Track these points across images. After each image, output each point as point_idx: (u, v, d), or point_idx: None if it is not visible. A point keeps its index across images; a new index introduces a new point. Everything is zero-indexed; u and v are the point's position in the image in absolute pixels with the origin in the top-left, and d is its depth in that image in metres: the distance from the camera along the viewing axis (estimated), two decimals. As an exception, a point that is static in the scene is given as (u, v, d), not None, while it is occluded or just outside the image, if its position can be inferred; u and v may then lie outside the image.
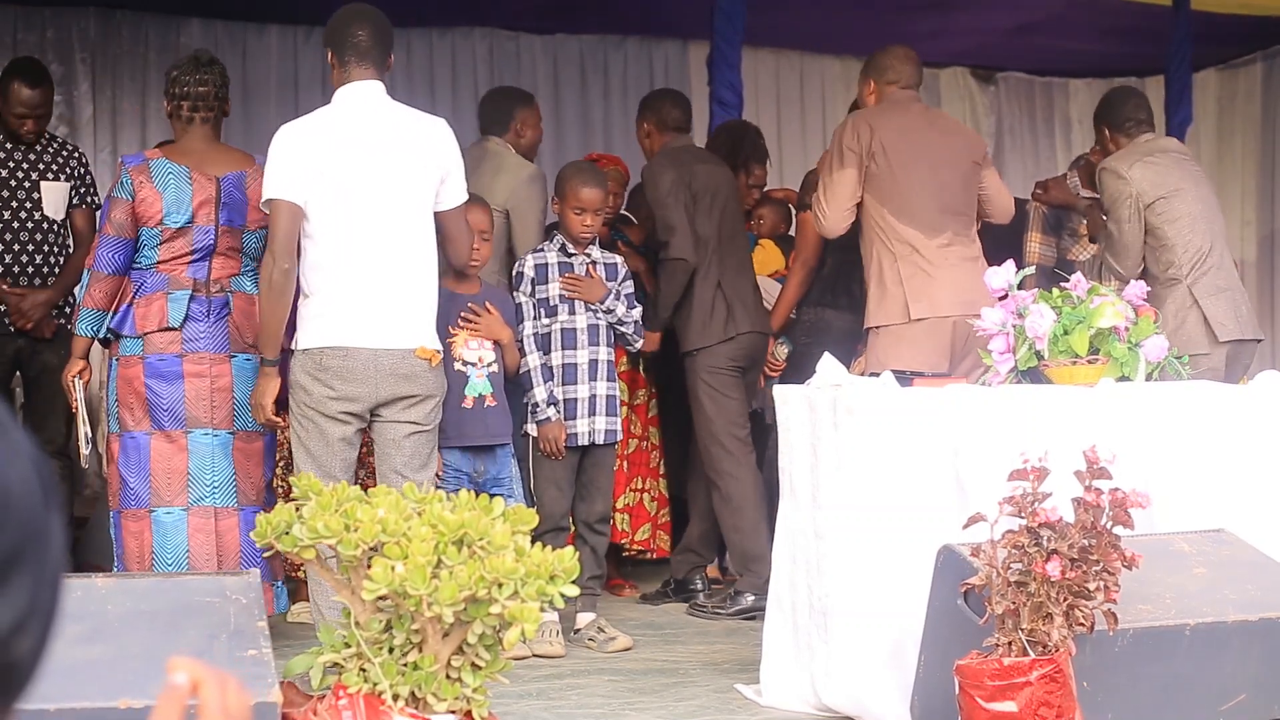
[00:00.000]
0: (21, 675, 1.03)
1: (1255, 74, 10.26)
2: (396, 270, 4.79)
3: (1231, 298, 5.88)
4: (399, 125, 4.88)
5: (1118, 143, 6.15)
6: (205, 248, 5.03)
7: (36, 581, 1.02)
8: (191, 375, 4.96)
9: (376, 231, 4.78)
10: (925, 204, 5.65)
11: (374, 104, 4.89)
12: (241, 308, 5.05)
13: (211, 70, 5.17)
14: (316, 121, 4.85)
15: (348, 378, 4.73)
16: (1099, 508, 3.69)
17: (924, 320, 5.54)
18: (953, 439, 4.39)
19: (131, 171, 5.04)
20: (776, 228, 7.55)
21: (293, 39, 9.00)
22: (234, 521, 5.00)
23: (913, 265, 5.59)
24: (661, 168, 6.34)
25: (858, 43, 9.78)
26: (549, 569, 3.40)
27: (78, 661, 3.27)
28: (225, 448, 5.01)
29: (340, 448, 4.77)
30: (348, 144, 4.78)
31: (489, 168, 6.07)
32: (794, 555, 4.59)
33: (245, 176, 5.09)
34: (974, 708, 3.67)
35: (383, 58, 4.95)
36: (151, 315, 4.96)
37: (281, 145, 4.77)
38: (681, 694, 4.81)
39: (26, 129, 6.31)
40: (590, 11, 9.10)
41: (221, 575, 3.86)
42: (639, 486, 6.93)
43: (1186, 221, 5.86)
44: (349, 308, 4.74)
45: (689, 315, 6.33)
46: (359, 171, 4.77)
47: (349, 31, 4.92)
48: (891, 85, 5.83)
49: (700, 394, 6.34)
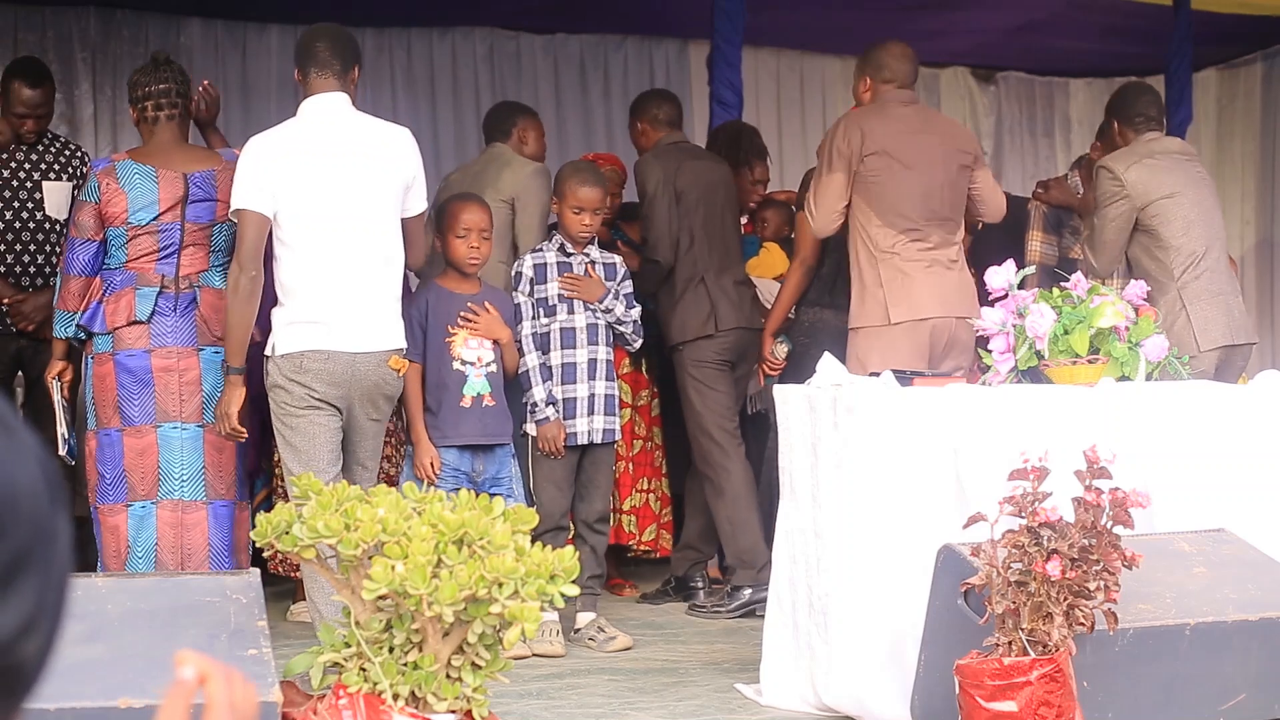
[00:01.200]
0: (29, 676, 1.03)
1: (1255, 74, 10.25)
2: (369, 275, 4.91)
3: (1225, 302, 5.87)
4: (364, 135, 4.98)
5: (1125, 137, 6.14)
6: (172, 245, 5.05)
7: (44, 583, 1.01)
8: (160, 370, 4.98)
9: (348, 238, 4.88)
10: (911, 209, 5.64)
11: (339, 114, 4.99)
12: (209, 301, 5.05)
13: (170, 68, 5.23)
14: (283, 133, 4.96)
15: (328, 380, 4.85)
16: (1099, 507, 3.69)
17: (902, 323, 5.55)
18: (953, 438, 4.39)
19: (98, 175, 5.09)
20: (780, 230, 7.54)
21: (293, 39, 8.91)
22: (202, 515, 5.00)
23: (893, 268, 5.59)
24: (648, 166, 6.39)
25: (858, 42, 9.71)
26: (549, 568, 3.40)
27: (78, 661, 3.27)
28: (195, 441, 5.02)
29: (325, 437, 4.87)
30: (315, 154, 4.88)
31: (495, 166, 6.19)
32: (794, 554, 4.59)
33: (215, 174, 5.11)
34: (974, 707, 3.67)
35: (345, 70, 5.03)
36: (120, 310, 5.00)
37: (250, 157, 4.88)
38: (681, 694, 4.81)
39: (27, 129, 6.30)
40: (590, 11, 9.10)
41: (221, 575, 3.86)
42: (645, 487, 6.93)
43: (1180, 225, 5.85)
44: (326, 313, 4.86)
45: (673, 310, 6.37)
46: (327, 180, 4.87)
47: (309, 46, 5.07)
48: (887, 84, 5.82)
49: (687, 388, 6.37)
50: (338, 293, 4.87)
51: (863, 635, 4.38)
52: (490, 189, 5.98)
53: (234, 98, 8.88)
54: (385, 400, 5.00)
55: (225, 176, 5.04)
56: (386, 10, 8.84)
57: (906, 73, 5.86)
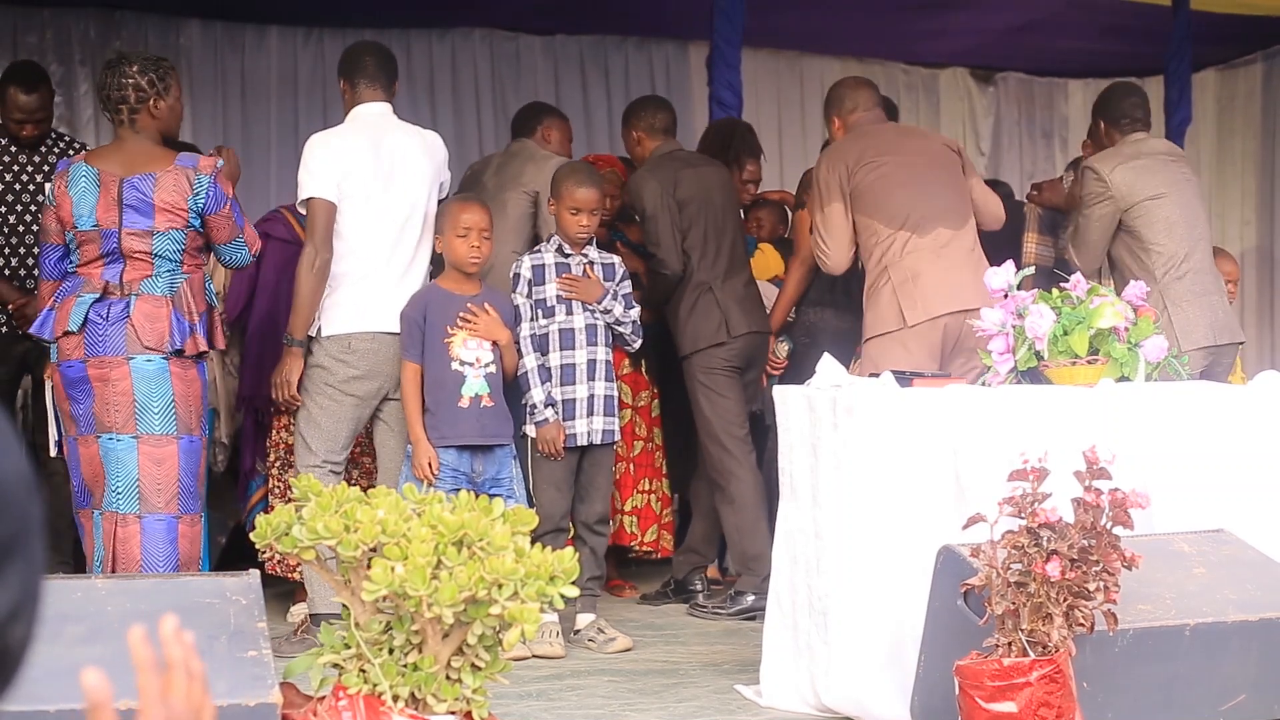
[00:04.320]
0: (14, 662, 1.04)
1: (1255, 74, 10.25)
2: (407, 264, 5.56)
3: (1208, 303, 5.90)
4: (407, 137, 5.63)
5: (1111, 138, 6.16)
6: (112, 251, 4.94)
7: (28, 570, 1.03)
8: (95, 379, 4.89)
9: (393, 230, 5.53)
10: (910, 204, 5.65)
11: (386, 120, 5.64)
12: (144, 310, 4.90)
13: (125, 68, 5.04)
14: (340, 132, 5.62)
15: (372, 359, 5.47)
16: (1099, 508, 3.69)
17: (919, 324, 5.55)
18: (952, 439, 4.39)
19: (55, 178, 5.05)
20: (775, 230, 7.54)
21: (292, 40, 9.00)
22: (135, 529, 4.87)
23: (903, 272, 5.60)
24: (644, 183, 6.36)
25: (857, 43, 9.80)
26: (549, 570, 3.40)
27: (77, 662, 3.26)
28: (130, 453, 4.88)
29: (352, 415, 5.52)
30: (367, 153, 5.51)
31: (519, 160, 6.45)
32: (794, 555, 4.59)
33: (153, 179, 4.94)
34: (974, 708, 3.67)
35: (389, 83, 5.69)
36: (62, 320, 4.93)
37: (314, 151, 5.53)
38: (681, 695, 4.81)
39: (26, 133, 6.30)
40: (590, 12, 9.10)
41: (221, 576, 3.86)
42: (646, 488, 6.93)
43: (1163, 226, 5.88)
44: (372, 298, 5.48)
45: (683, 319, 6.35)
46: (377, 177, 5.50)
47: (359, 59, 5.71)
48: (853, 113, 5.90)
49: (698, 395, 6.35)
50: (381, 279, 5.49)
51: (863, 636, 4.38)
52: (513, 181, 6.28)
53: (233, 99, 8.89)
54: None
55: (167, 180, 4.92)
56: (386, 11, 8.84)
57: (867, 98, 5.98)
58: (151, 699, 1.18)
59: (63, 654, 3.27)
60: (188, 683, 1.21)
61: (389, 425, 5.64)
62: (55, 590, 3.59)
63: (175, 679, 1.20)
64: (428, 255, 5.63)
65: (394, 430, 5.62)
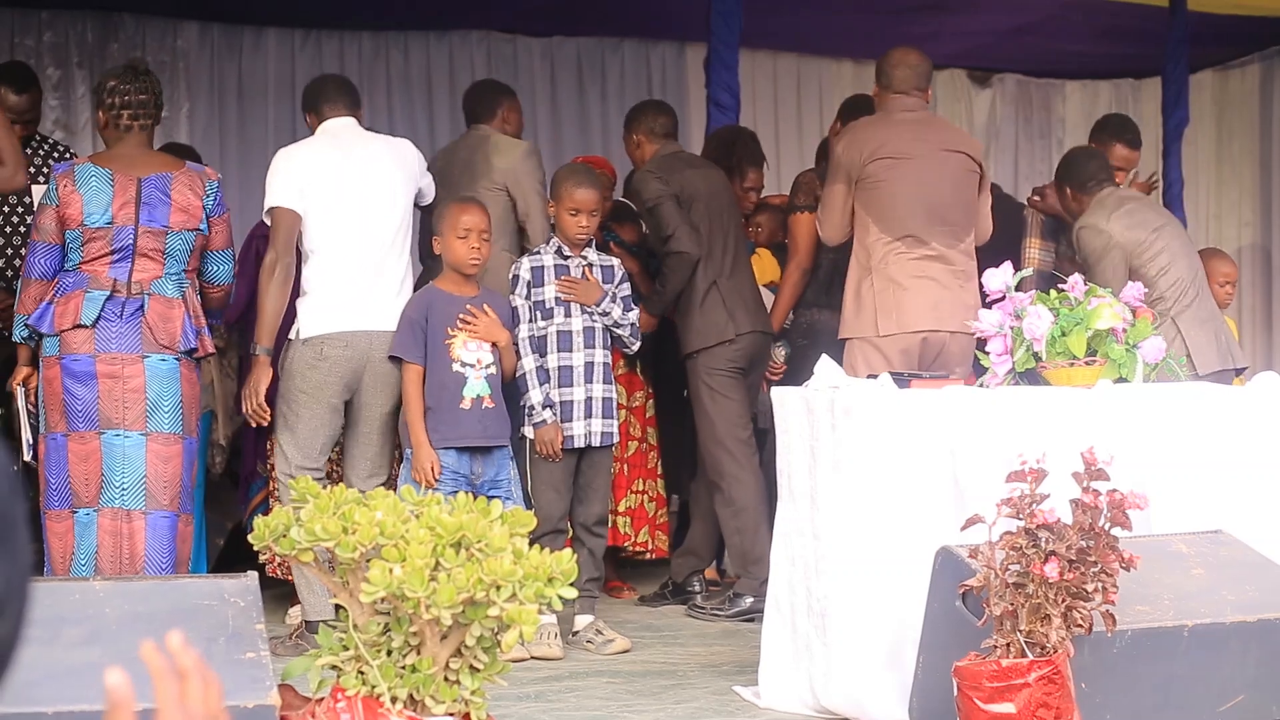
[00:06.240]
0: (2, 659, 1.04)
1: (1253, 75, 10.26)
2: (378, 268, 5.54)
3: (1214, 328, 6.09)
4: (376, 145, 5.69)
5: (1080, 202, 6.28)
6: (125, 248, 5.00)
7: (11, 566, 1.02)
8: (104, 376, 4.93)
9: (360, 235, 5.53)
10: (910, 212, 5.64)
11: (352, 131, 5.71)
12: (158, 310, 5.00)
13: (149, 79, 5.25)
14: (308, 143, 5.70)
15: (345, 363, 5.46)
16: (1097, 509, 3.69)
17: (893, 335, 5.55)
18: (950, 440, 4.39)
19: (58, 178, 5.08)
20: (774, 235, 7.52)
21: (290, 42, 9.00)
22: (140, 525, 4.92)
23: (885, 279, 5.59)
24: (646, 177, 6.35)
25: (855, 45, 9.79)
26: (547, 571, 3.40)
27: (76, 664, 3.27)
28: (138, 450, 4.94)
29: (328, 421, 5.50)
30: (335, 163, 5.56)
31: (483, 153, 6.10)
32: (792, 556, 4.59)
33: (170, 179, 5.09)
34: (972, 709, 3.67)
35: (353, 105, 5.79)
36: (68, 313, 4.96)
37: (278, 162, 5.62)
38: (680, 696, 4.81)
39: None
40: (588, 14, 9.10)
41: (219, 578, 3.86)
42: (639, 489, 6.93)
43: (1167, 257, 6.05)
44: (344, 302, 5.48)
45: (688, 317, 6.34)
46: (346, 185, 5.53)
47: (318, 86, 5.92)
48: (888, 91, 5.85)
49: (702, 396, 6.34)
50: (356, 281, 5.50)
51: (861, 637, 4.38)
52: (483, 179, 5.97)
53: (230, 101, 8.88)
54: (397, 387, 5.50)
55: (182, 181, 5.10)
56: (387, 13, 8.84)
57: (905, 79, 5.83)
58: (170, 704, 1.17)
59: (61, 656, 3.27)
60: (204, 689, 1.20)
61: (362, 413, 5.57)
62: (53, 592, 3.58)
63: (192, 685, 1.19)
64: (405, 259, 5.63)
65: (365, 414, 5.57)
